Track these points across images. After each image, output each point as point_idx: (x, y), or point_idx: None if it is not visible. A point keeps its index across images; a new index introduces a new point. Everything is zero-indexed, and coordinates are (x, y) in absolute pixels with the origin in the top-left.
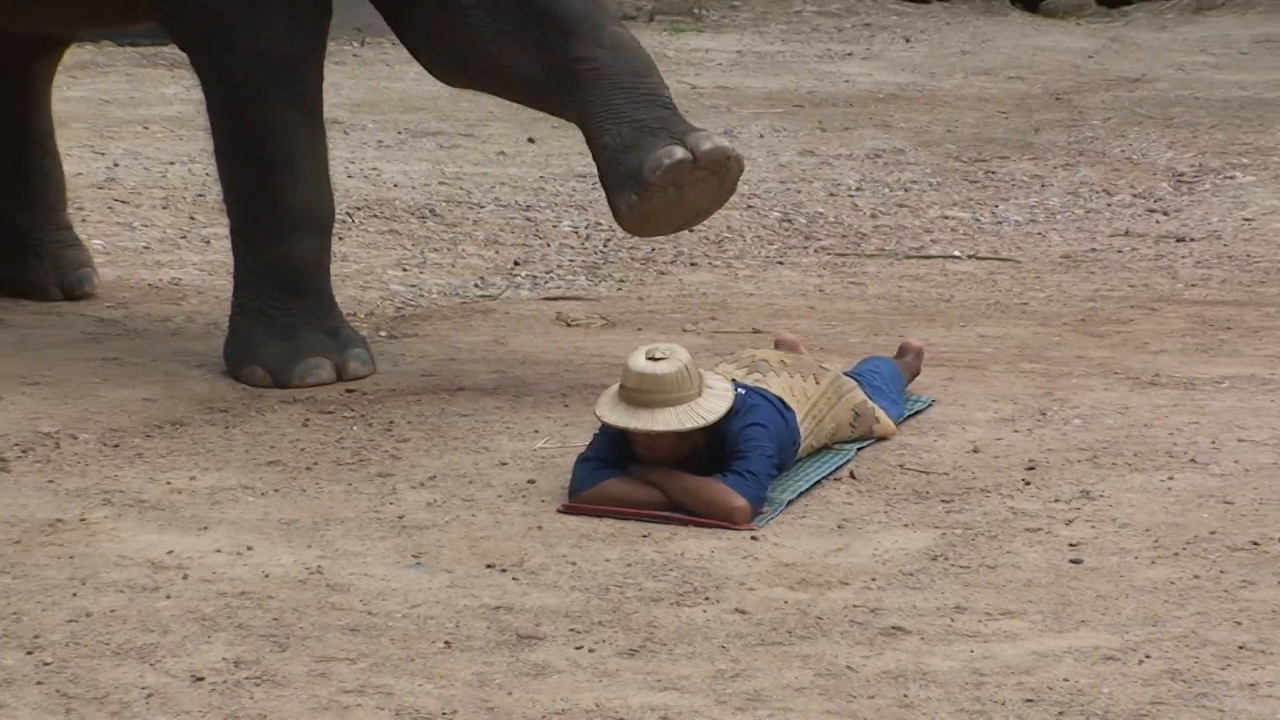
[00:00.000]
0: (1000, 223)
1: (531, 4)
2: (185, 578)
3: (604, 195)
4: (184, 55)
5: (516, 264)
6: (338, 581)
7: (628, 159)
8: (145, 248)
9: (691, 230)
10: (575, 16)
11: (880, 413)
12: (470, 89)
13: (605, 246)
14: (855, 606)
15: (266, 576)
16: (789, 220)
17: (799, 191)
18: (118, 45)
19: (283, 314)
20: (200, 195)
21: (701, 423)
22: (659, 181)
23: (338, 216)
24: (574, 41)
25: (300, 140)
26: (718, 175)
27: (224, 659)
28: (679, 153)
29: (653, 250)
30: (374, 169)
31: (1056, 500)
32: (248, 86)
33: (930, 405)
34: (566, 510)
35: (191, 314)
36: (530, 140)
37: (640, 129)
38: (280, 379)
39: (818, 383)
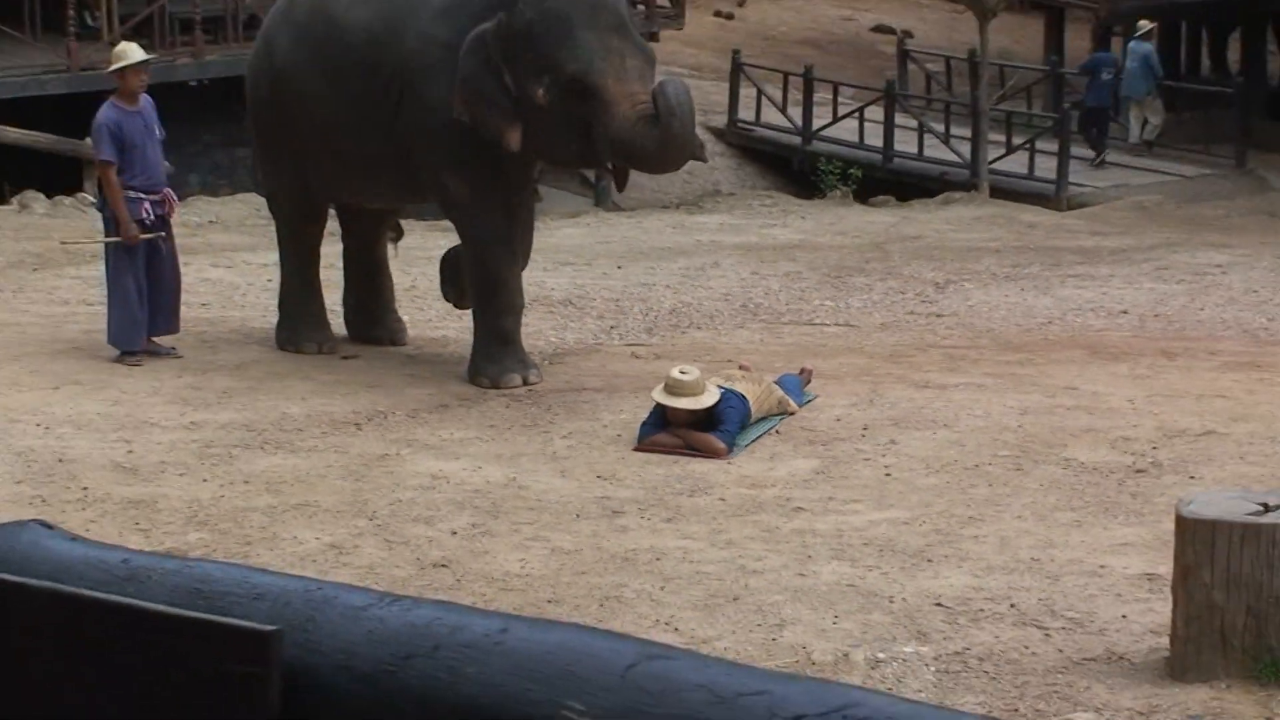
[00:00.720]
0: (849, 306)
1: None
2: (448, 483)
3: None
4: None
5: (612, 328)
6: (523, 484)
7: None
8: (428, 320)
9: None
10: None
11: (790, 401)
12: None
13: (656, 320)
14: (778, 497)
15: (488, 482)
16: (745, 306)
17: (751, 291)
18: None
19: (498, 351)
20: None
21: (705, 405)
22: None
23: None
24: None
25: (509, 265)
26: None
27: (468, 522)
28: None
29: (679, 321)
30: (542, 281)
31: (877, 444)
32: (482, 242)
33: (815, 398)
34: (637, 449)
35: (452, 351)
36: (618, 267)
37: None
38: (496, 384)
39: (759, 386)
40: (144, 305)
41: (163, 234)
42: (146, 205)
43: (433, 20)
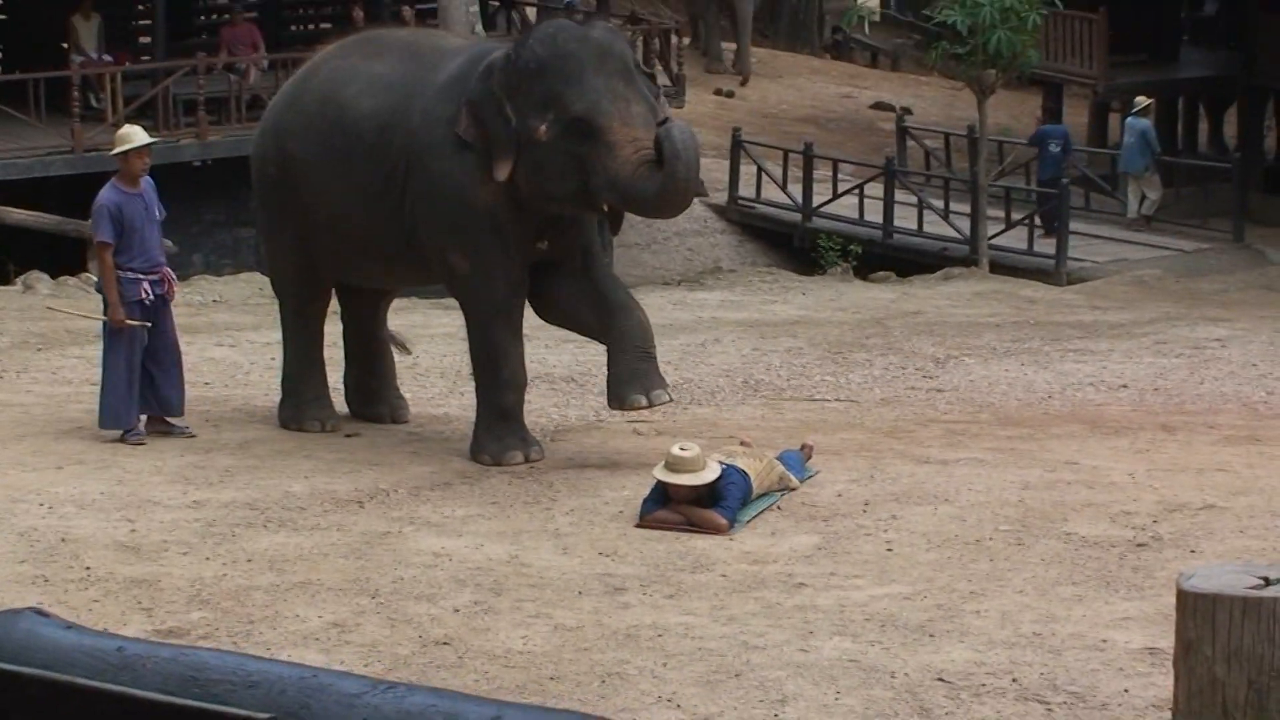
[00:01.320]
0: (850, 382)
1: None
2: (450, 560)
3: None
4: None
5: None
6: (526, 561)
7: (620, 387)
8: (429, 398)
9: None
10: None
11: (791, 477)
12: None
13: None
14: (780, 573)
15: (490, 559)
16: (746, 382)
17: (752, 367)
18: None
19: (500, 428)
20: (459, 372)
21: (705, 481)
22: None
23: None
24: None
25: (511, 339)
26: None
27: (471, 600)
28: (642, 400)
29: (680, 397)
30: (544, 358)
31: (878, 519)
32: (483, 315)
33: (816, 474)
34: (639, 526)
35: (454, 429)
36: None
37: (635, 371)
38: (497, 461)
39: (760, 462)
40: (134, 388)
41: (148, 324)
42: (145, 285)
43: (435, 98)
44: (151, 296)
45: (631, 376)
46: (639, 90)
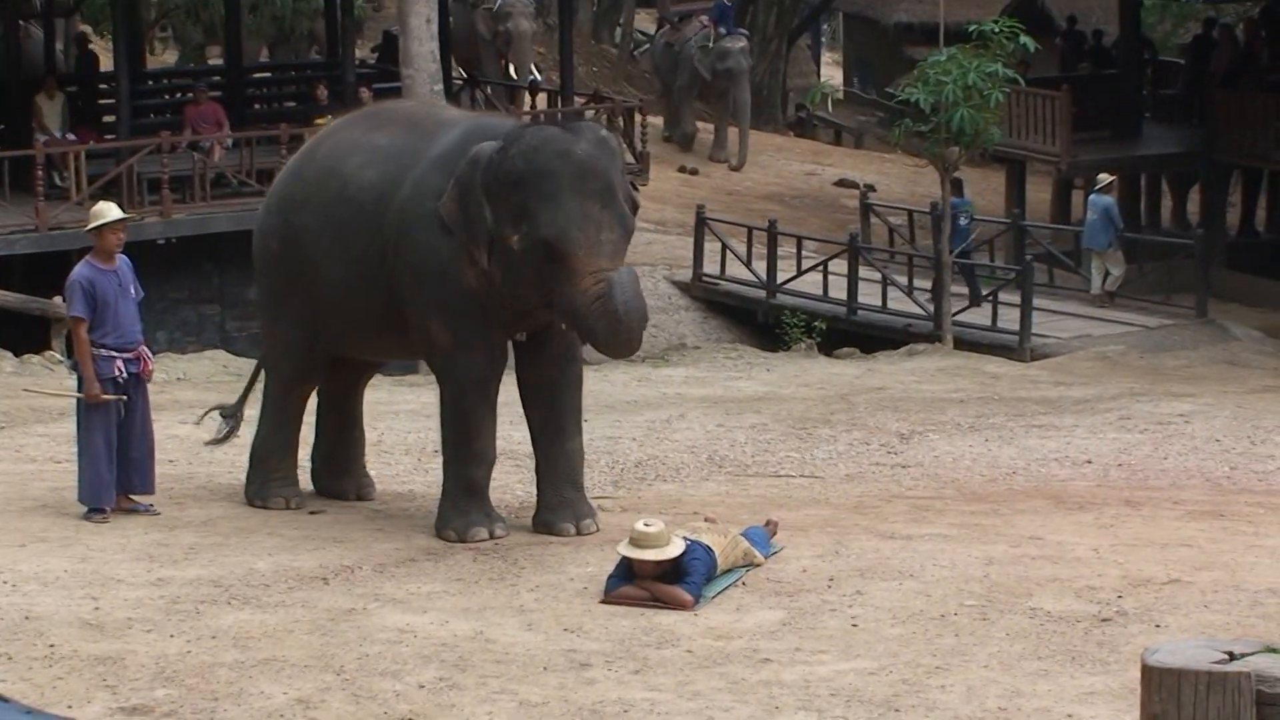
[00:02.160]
0: (815, 458)
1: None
2: (415, 636)
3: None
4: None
5: None
6: (490, 638)
7: (549, 514)
8: (395, 475)
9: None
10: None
11: (756, 553)
12: None
13: (622, 473)
14: (745, 648)
15: (455, 635)
16: (710, 458)
17: (717, 443)
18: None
19: (464, 503)
20: (424, 449)
21: (669, 556)
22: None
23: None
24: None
25: (485, 414)
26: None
27: (435, 676)
28: (571, 529)
29: (645, 474)
30: (508, 435)
31: (844, 594)
32: (459, 386)
33: (781, 549)
34: (604, 602)
35: (418, 506)
36: (585, 419)
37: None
38: (462, 537)
39: (725, 538)
40: (113, 464)
41: (124, 398)
42: (119, 363)
43: (428, 170)
44: (125, 375)
45: (561, 505)
46: (614, 214)
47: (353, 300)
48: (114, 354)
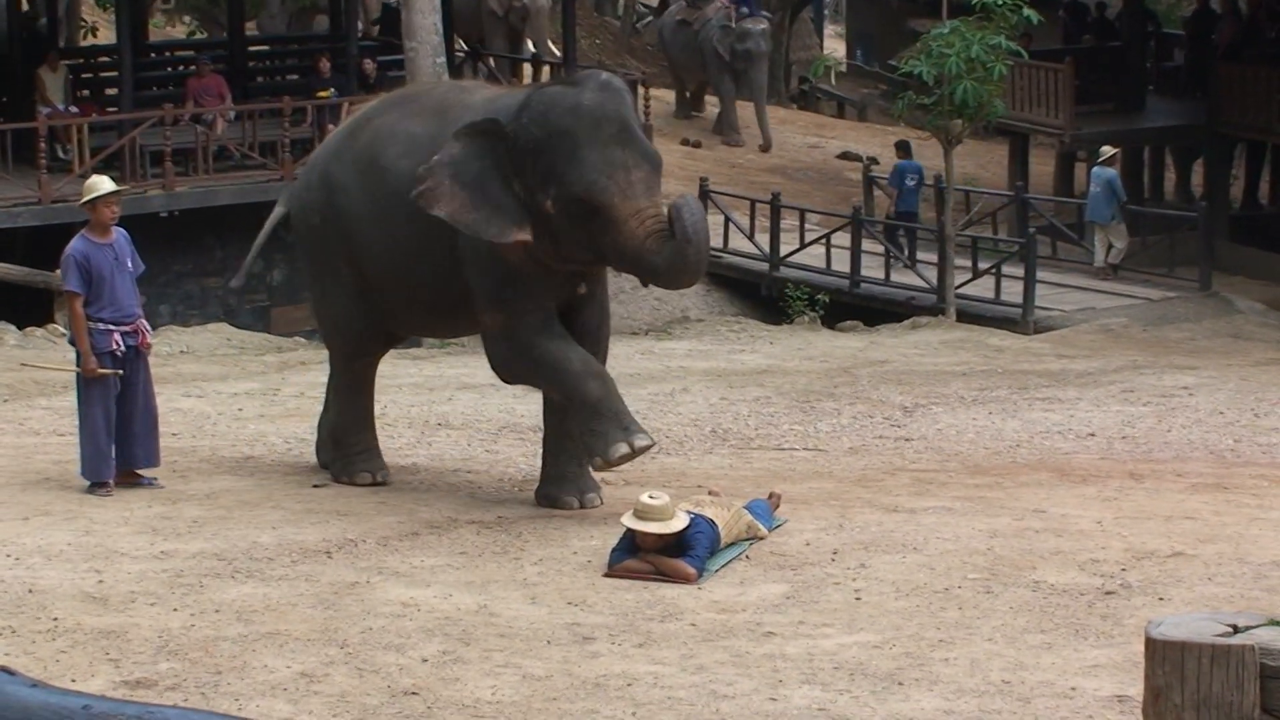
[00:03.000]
0: (818, 431)
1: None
2: (419, 610)
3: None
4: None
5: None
6: (494, 611)
7: (553, 486)
8: (398, 448)
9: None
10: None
11: (759, 526)
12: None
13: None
14: (748, 621)
15: (459, 609)
16: (714, 431)
17: (720, 416)
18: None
19: (597, 423)
20: (427, 422)
21: (674, 530)
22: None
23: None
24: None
25: (560, 345)
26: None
27: (439, 650)
28: (575, 503)
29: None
30: (512, 408)
31: (847, 568)
32: (529, 347)
33: (784, 523)
34: (608, 575)
35: (421, 479)
36: None
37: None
38: (605, 458)
39: (728, 511)
40: (112, 438)
41: (120, 372)
42: (116, 336)
43: None
44: (123, 348)
45: (565, 478)
46: (637, 151)
47: (397, 283)
48: (111, 328)
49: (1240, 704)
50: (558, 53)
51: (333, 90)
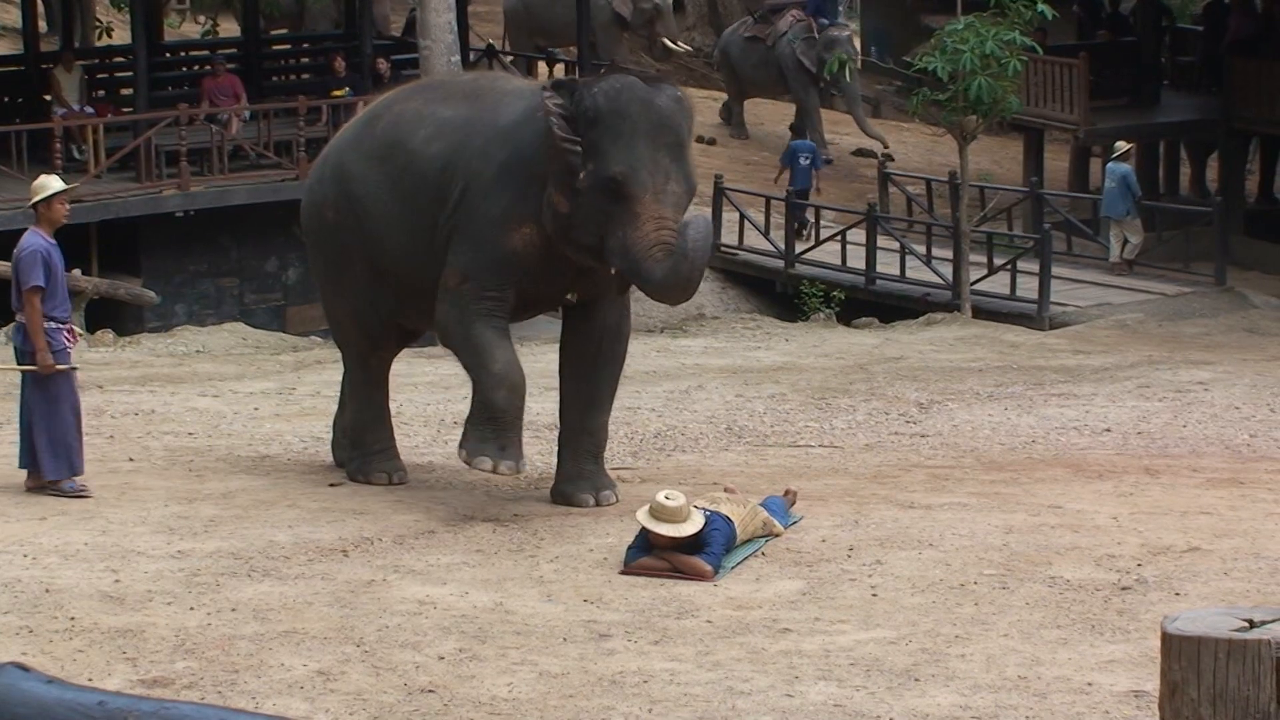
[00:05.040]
0: (833, 428)
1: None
2: (435, 608)
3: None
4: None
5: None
6: (510, 609)
7: (569, 484)
8: (414, 446)
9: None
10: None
11: (775, 523)
12: None
13: (641, 444)
14: (765, 618)
15: (475, 606)
16: (729, 428)
17: (735, 414)
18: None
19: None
20: (443, 421)
21: (686, 534)
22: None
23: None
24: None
25: (494, 340)
26: None
27: (455, 647)
28: (590, 501)
29: (664, 444)
30: (527, 407)
31: (863, 564)
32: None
33: (800, 519)
34: (624, 572)
35: (438, 477)
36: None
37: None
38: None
39: (744, 508)
40: (80, 432)
41: (77, 367)
42: (65, 335)
43: (493, 139)
44: (68, 347)
45: (581, 476)
46: (683, 171)
47: (416, 271)
48: (59, 325)
49: (1257, 698)
50: (684, 48)
51: (348, 89)
